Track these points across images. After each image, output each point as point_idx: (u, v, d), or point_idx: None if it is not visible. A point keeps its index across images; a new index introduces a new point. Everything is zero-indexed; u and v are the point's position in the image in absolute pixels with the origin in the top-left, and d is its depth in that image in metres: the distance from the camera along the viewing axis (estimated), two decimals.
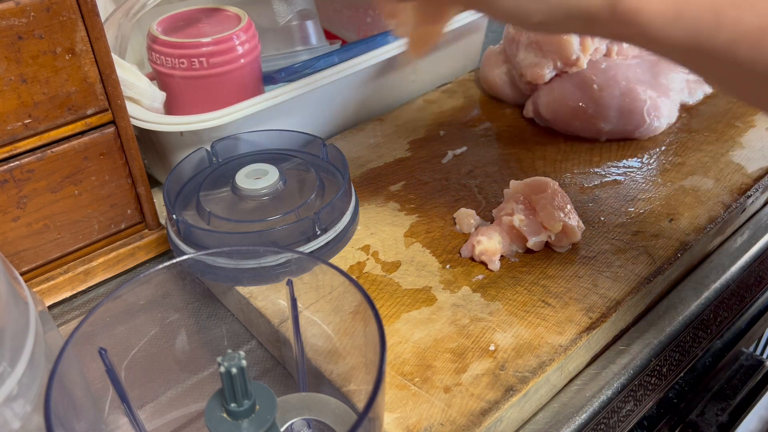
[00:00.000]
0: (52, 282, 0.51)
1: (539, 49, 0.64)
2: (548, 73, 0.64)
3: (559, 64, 0.64)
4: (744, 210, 0.57)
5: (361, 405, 0.39)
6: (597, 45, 0.65)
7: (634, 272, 0.49)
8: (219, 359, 0.30)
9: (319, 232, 0.49)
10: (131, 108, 0.53)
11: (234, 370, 0.29)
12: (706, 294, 0.52)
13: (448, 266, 0.51)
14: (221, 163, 0.55)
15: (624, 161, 0.60)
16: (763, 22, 0.29)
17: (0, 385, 0.30)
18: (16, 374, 0.31)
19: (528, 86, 0.66)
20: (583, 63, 0.64)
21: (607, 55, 0.66)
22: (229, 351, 0.30)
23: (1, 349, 0.31)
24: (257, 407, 0.32)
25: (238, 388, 0.30)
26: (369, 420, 0.29)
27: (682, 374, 0.49)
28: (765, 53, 0.29)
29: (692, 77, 0.68)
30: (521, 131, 0.66)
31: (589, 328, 0.45)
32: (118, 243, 0.54)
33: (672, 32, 0.31)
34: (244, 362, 0.30)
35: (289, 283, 0.39)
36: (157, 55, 0.58)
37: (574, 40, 0.63)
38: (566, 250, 0.51)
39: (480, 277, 0.49)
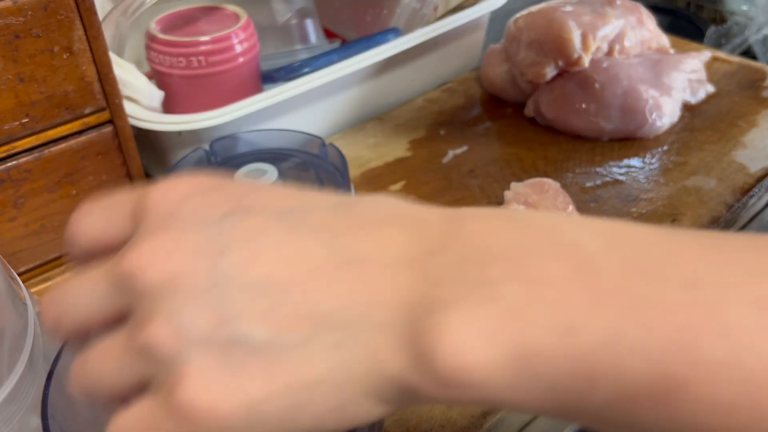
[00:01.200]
0: (50, 282, 0.51)
1: (540, 48, 0.64)
2: (549, 72, 0.64)
3: (560, 63, 0.64)
4: (747, 210, 0.56)
5: None
6: (599, 44, 0.64)
7: None
8: None
9: None
10: (129, 107, 0.52)
11: None
12: None
13: None
14: (220, 163, 0.55)
15: (626, 161, 0.60)
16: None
17: None
18: (15, 375, 0.31)
19: (529, 85, 0.66)
20: (585, 62, 0.64)
21: (609, 54, 0.66)
22: None
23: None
24: None
25: None
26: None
27: None
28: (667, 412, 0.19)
29: (694, 76, 0.68)
30: (522, 131, 0.66)
31: None
32: None
33: (506, 369, 0.19)
34: None
35: None
36: (156, 53, 0.57)
37: (575, 39, 0.63)
38: None
39: None
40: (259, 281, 0.21)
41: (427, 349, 0.20)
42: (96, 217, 0.27)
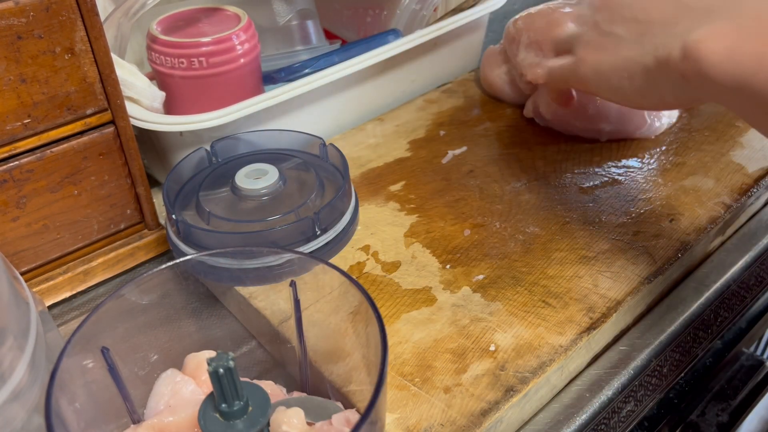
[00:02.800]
0: (51, 282, 0.51)
1: (540, 49, 0.64)
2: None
3: None
4: (744, 210, 0.57)
5: (361, 405, 0.39)
6: None
7: (634, 272, 0.49)
8: (207, 359, 0.30)
9: (318, 232, 0.49)
10: (131, 108, 0.53)
11: (221, 371, 0.29)
12: (707, 294, 0.52)
13: (448, 266, 0.51)
14: (221, 163, 0.55)
15: (624, 161, 0.60)
16: None
17: (1, 385, 0.30)
18: (18, 374, 0.31)
19: (528, 86, 0.66)
20: None
21: None
22: (219, 351, 0.30)
23: (2, 349, 0.31)
24: (250, 408, 0.31)
25: (227, 388, 0.30)
26: (370, 423, 0.29)
27: (682, 374, 0.49)
28: None
29: None
30: (521, 131, 0.66)
31: (590, 329, 0.45)
32: (117, 243, 0.54)
33: (722, 69, 0.36)
34: (232, 363, 0.30)
35: (293, 284, 0.39)
36: (157, 54, 0.57)
37: None
38: None
39: (480, 277, 0.49)
40: (636, 8, 0.44)
41: (685, 43, 0.38)
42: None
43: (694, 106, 0.45)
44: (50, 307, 0.52)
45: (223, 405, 0.31)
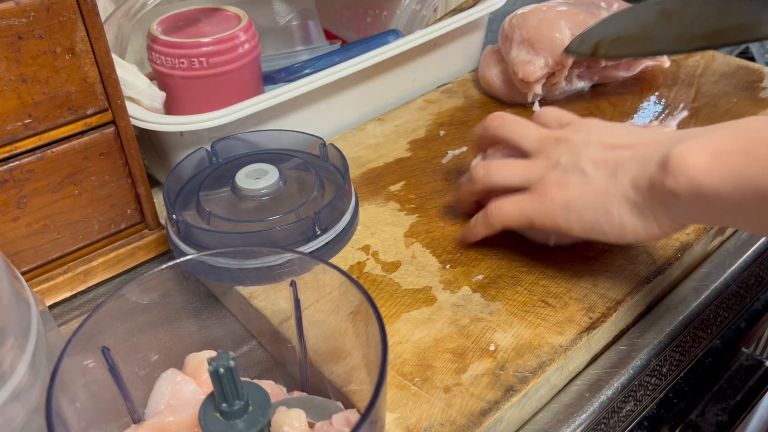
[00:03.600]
0: (51, 282, 0.51)
1: (531, 47, 0.64)
2: (540, 70, 0.64)
3: (550, 61, 0.64)
4: None
5: (361, 405, 0.39)
6: None
7: (634, 272, 0.49)
8: (207, 359, 0.30)
9: (319, 232, 0.49)
10: (131, 108, 0.53)
11: (221, 370, 0.29)
12: (706, 294, 0.52)
13: (448, 266, 0.51)
14: (221, 163, 0.55)
15: None
16: None
17: (2, 385, 0.30)
18: (18, 374, 0.31)
19: (521, 84, 0.66)
20: (569, 61, 0.64)
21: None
22: (219, 351, 0.30)
23: (3, 349, 0.31)
24: (250, 407, 0.32)
25: (228, 388, 0.30)
26: (371, 423, 0.29)
27: (682, 374, 0.49)
28: None
29: None
30: None
31: (590, 328, 0.45)
32: (118, 243, 0.54)
33: (713, 171, 0.37)
34: (232, 362, 0.30)
35: (293, 284, 0.39)
36: (157, 55, 0.58)
37: (566, 40, 0.63)
38: None
39: (480, 277, 0.49)
40: (600, 146, 0.45)
41: (666, 158, 0.39)
42: (512, 124, 0.51)
43: (678, 231, 0.43)
44: (51, 307, 0.52)
45: (224, 404, 0.31)
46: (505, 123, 0.51)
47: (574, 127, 0.48)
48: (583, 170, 0.44)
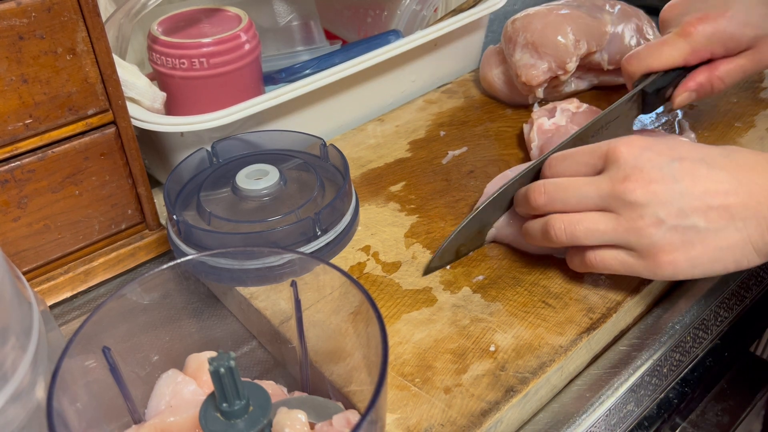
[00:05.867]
0: (52, 282, 0.51)
1: (535, 51, 0.64)
2: (543, 75, 0.64)
3: (553, 65, 0.64)
4: None
5: (362, 405, 0.39)
6: (593, 49, 0.65)
7: None
8: (208, 359, 0.30)
9: (319, 233, 0.49)
10: (132, 108, 0.53)
11: (222, 370, 0.29)
12: (706, 294, 0.52)
13: (448, 266, 0.51)
14: (221, 164, 0.55)
15: None
16: None
17: (4, 385, 0.30)
18: (20, 374, 0.31)
19: (524, 87, 0.66)
20: (572, 66, 0.64)
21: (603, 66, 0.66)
22: (220, 351, 0.30)
23: (4, 349, 0.31)
24: (251, 407, 0.32)
25: (228, 388, 0.30)
26: (371, 423, 0.29)
27: (682, 374, 0.49)
28: None
29: None
30: (522, 131, 0.66)
31: (590, 329, 0.45)
32: (118, 243, 0.54)
33: None
34: (233, 362, 0.30)
35: (293, 285, 0.39)
36: (158, 55, 0.58)
37: (570, 45, 0.63)
38: None
39: (480, 277, 0.49)
40: (699, 195, 0.42)
41: None
42: (577, 159, 0.48)
43: None
44: (51, 307, 0.52)
45: (224, 404, 0.31)
46: (550, 198, 0.47)
47: (635, 169, 0.44)
48: (697, 227, 0.42)
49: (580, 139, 0.53)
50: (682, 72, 0.57)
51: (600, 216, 0.44)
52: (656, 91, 0.56)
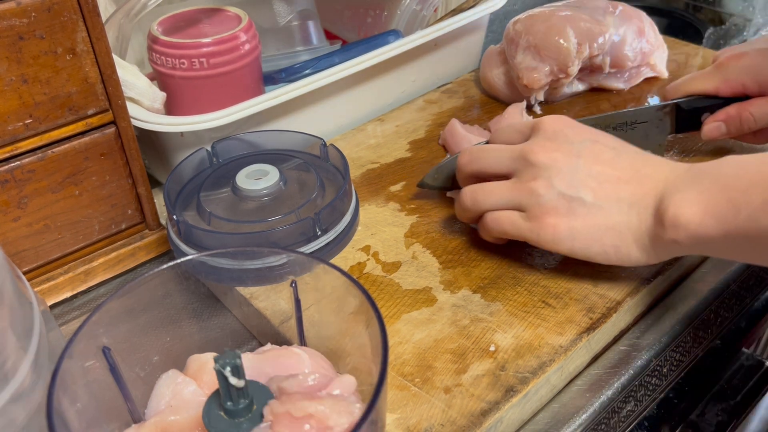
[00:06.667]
0: (52, 282, 0.51)
1: (537, 53, 0.64)
2: (544, 77, 0.64)
3: (555, 68, 0.64)
4: None
5: (362, 405, 0.39)
6: (596, 52, 0.65)
7: (634, 273, 0.49)
8: (214, 357, 0.30)
9: (319, 233, 0.49)
10: (132, 108, 0.53)
11: (228, 369, 0.30)
12: (706, 294, 0.52)
13: (448, 266, 0.51)
14: (222, 164, 0.55)
15: None
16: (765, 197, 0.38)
17: (5, 386, 0.30)
18: (21, 374, 0.31)
19: (525, 89, 0.66)
20: (574, 71, 0.64)
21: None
22: (226, 350, 0.30)
23: (5, 349, 0.31)
24: (254, 406, 0.32)
25: (234, 386, 0.30)
26: (371, 423, 0.29)
27: (682, 374, 0.49)
28: None
29: None
30: None
31: (590, 329, 0.45)
32: (118, 243, 0.54)
33: (708, 225, 0.40)
34: (239, 361, 0.30)
35: (293, 285, 0.39)
36: (158, 55, 0.58)
37: (572, 49, 0.63)
38: None
39: (480, 277, 0.49)
40: (594, 174, 0.45)
41: (662, 212, 0.42)
42: (516, 128, 0.51)
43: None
44: (51, 307, 0.52)
45: (229, 403, 0.31)
46: (474, 157, 0.50)
47: (547, 138, 0.47)
48: (584, 200, 0.45)
49: (595, 124, 0.54)
50: (719, 102, 0.57)
51: (503, 182, 0.48)
52: (692, 110, 0.58)
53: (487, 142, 0.54)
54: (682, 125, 0.58)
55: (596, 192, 0.45)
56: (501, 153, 0.49)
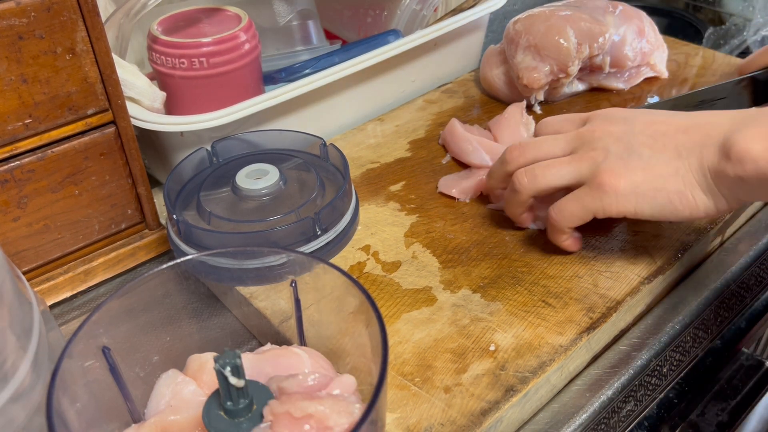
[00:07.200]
0: (52, 282, 0.51)
1: (537, 53, 0.64)
2: (544, 77, 0.64)
3: (555, 68, 0.64)
4: (744, 210, 0.57)
5: (362, 405, 0.39)
6: (595, 52, 0.65)
7: (634, 272, 0.49)
8: (214, 357, 0.30)
9: (319, 233, 0.49)
10: (131, 108, 0.53)
11: (228, 369, 0.29)
12: (706, 294, 0.52)
13: (448, 266, 0.51)
14: (221, 163, 0.55)
15: None
16: None
17: (4, 386, 0.30)
18: (21, 374, 0.31)
19: (525, 88, 0.66)
20: (573, 70, 0.64)
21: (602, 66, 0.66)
22: (226, 349, 0.30)
23: (5, 348, 0.31)
24: (254, 406, 0.32)
25: (234, 386, 0.30)
26: (371, 423, 0.29)
27: (682, 374, 0.49)
28: None
29: None
30: None
31: (590, 329, 0.45)
32: (118, 243, 0.54)
33: None
34: (239, 361, 0.30)
35: (293, 284, 0.39)
36: (158, 55, 0.58)
37: (572, 48, 0.63)
38: None
39: (480, 277, 0.49)
40: (650, 132, 0.45)
41: (729, 147, 0.41)
42: (568, 117, 0.52)
43: (744, 205, 0.48)
44: (51, 307, 0.52)
45: (229, 403, 0.31)
46: (526, 148, 0.50)
47: (604, 118, 0.48)
48: (641, 155, 0.44)
49: (674, 106, 0.54)
50: None
51: (560, 159, 0.48)
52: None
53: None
54: (760, 98, 0.58)
55: (653, 146, 0.44)
56: (556, 140, 0.49)
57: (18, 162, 0.46)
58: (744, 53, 0.93)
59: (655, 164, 0.44)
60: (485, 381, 0.42)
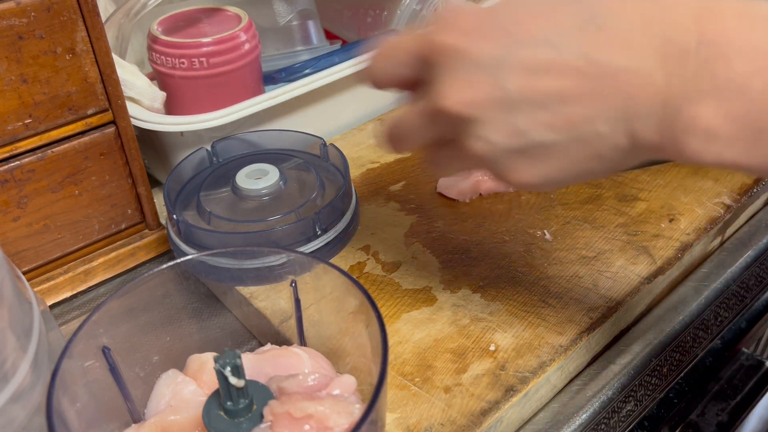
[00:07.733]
0: (52, 282, 0.51)
1: None
2: None
3: None
4: (744, 210, 0.57)
5: (362, 405, 0.39)
6: None
7: (634, 272, 0.49)
8: (214, 357, 0.30)
9: (319, 233, 0.49)
10: (131, 108, 0.53)
11: (228, 369, 0.30)
12: (706, 294, 0.52)
13: (448, 266, 0.51)
14: (221, 163, 0.55)
15: None
16: None
17: (4, 386, 0.30)
18: (20, 374, 0.31)
19: None
20: None
21: None
22: (226, 349, 0.30)
23: (5, 348, 0.31)
24: (254, 406, 0.32)
25: (234, 386, 0.30)
26: (371, 423, 0.29)
27: (682, 374, 0.49)
28: None
29: None
30: None
31: (590, 329, 0.45)
32: (118, 243, 0.54)
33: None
34: (239, 361, 0.30)
35: (293, 284, 0.39)
36: (158, 55, 0.58)
37: None
38: None
39: (480, 276, 0.49)
40: (538, 101, 0.31)
41: (677, 134, 0.29)
42: (390, 64, 0.38)
43: None
44: (51, 307, 0.52)
45: (229, 403, 0.31)
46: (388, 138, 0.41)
47: (450, 74, 0.34)
48: (543, 142, 0.32)
49: None
50: None
51: (449, 150, 0.39)
52: None
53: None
54: None
55: (553, 124, 0.32)
56: (413, 118, 0.38)
57: (18, 162, 0.46)
58: None
59: (567, 150, 0.32)
60: (485, 381, 0.42)
